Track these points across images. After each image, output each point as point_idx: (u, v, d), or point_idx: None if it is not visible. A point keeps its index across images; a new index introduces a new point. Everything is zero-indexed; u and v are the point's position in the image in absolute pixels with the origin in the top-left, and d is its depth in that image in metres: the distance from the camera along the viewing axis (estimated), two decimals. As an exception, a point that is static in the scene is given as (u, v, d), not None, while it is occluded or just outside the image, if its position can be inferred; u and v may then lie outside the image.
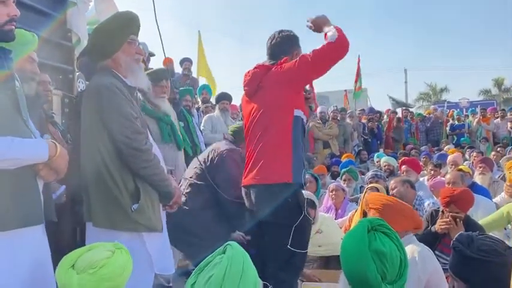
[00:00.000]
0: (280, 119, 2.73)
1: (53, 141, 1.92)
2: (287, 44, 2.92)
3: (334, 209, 5.08)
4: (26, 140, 1.81)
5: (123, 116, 2.27)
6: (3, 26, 1.81)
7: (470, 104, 18.05)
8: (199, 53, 9.52)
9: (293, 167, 2.67)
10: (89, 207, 2.33)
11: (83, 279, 1.74)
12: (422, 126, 12.93)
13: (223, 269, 1.40)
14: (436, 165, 6.66)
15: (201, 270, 1.45)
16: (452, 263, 1.98)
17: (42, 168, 1.87)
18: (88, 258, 1.81)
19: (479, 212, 4.28)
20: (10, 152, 1.70)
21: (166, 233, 2.53)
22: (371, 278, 1.62)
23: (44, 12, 3.30)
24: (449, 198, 3.39)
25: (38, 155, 1.84)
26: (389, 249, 1.65)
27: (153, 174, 2.35)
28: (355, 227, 1.78)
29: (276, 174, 2.67)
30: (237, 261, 1.44)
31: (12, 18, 1.83)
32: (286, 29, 2.99)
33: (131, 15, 2.45)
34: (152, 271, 2.40)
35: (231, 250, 1.47)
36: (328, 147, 9.20)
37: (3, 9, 1.80)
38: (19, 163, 1.76)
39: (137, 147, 2.28)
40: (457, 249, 1.93)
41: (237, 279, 1.40)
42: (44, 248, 1.98)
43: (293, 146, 2.70)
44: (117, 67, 2.41)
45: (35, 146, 1.85)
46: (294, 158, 2.69)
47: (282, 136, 2.71)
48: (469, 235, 1.97)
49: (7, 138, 1.71)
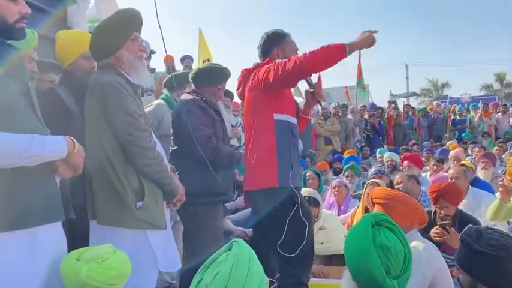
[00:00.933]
0: (261, 124, 2.81)
1: (70, 138, 1.91)
2: (269, 44, 3.00)
3: (336, 206, 5.07)
4: (46, 137, 1.81)
5: (127, 113, 2.27)
6: (15, 24, 1.80)
7: (472, 99, 18.00)
8: (199, 50, 9.48)
9: (279, 172, 2.71)
10: (92, 205, 2.32)
11: (92, 268, 1.81)
12: (425, 121, 12.91)
13: (229, 266, 1.39)
14: (439, 161, 6.63)
15: (206, 268, 1.45)
16: (460, 256, 1.97)
17: (61, 165, 1.87)
18: (92, 253, 1.89)
19: (482, 207, 4.28)
20: (31, 149, 1.70)
21: (170, 230, 2.53)
22: (376, 273, 1.61)
23: (42, 9, 3.30)
24: (437, 193, 3.43)
25: (58, 152, 1.83)
26: (393, 243, 1.65)
27: (157, 172, 2.35)
28: (359, 222, 1.78)
29: (263, 179, 2.74)
30: (243, 258, 1.43)
31: (23, 16, 1.82)
32: (275, 29, 3.05)
33: (134, 12, 2.44)
34: (156, 268, 2.40)
35: (236, 247, 1.46)
36: (330, 144, 9.20)
37: (14, 7, 1.80)
38: (40, 160, 1.76)
39: (140, 145, 2.28)
40: (465, 243, 1.92)
41: (243, 276, 1.39)
42: (63, 245, 2.00)
43: (277, 150, 2.74)
44: (120, 64, 2.40)
45: (55, 142, 1.84)
46: (279, 162, 2.73)
47: (265, 141, 2.77)
48: (477, 229, 1.96)
49: (27, 135, 1.71)
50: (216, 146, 3.11)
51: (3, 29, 1.78)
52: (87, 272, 1.79)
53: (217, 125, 3.26)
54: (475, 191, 4.51)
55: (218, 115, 3.33)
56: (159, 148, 2.46)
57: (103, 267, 1.82)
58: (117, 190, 2.25)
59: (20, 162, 1.68)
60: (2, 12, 1.76)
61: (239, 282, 1.37)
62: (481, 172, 5.78)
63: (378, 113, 11.85)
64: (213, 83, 3.33)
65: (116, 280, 1.86)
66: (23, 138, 1.68)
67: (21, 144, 1.67)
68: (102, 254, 1.88)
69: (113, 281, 1.85)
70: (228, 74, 3.42)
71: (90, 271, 1.79)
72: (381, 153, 8.30)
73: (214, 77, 3.34)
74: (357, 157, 8.12)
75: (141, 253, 2.26)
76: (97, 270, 1.81)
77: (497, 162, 6.68)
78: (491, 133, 11.81)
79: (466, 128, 12.54)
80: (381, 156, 8.00)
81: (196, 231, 2.85)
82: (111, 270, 1.84)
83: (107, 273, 1.82)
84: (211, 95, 3.33)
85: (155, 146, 2.38)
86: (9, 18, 1.78)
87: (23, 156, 1.68)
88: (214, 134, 3.17)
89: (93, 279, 1.79)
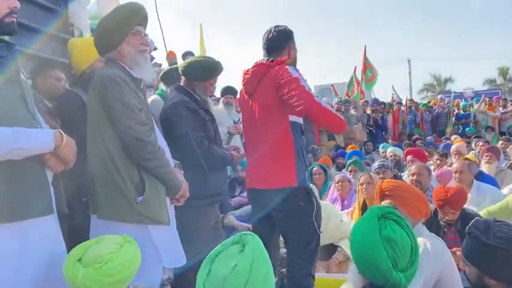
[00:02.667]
0: (279, 124, 2.77)
1: (59, 130, 1.91)
2: (282, 39, 2.92)
3: (340, 200, 5.07)
4: (32, 130, 1.81)
5: (127, 106, 2.26)
6: (4, 19, 1.79)
7: (475, 93, 17.93)
8: (200, 46, 9.47)
9: (297, 172, 2.74)
10: (94, 199, 2.31)
11: (88, 274, 1.77)
12: (428, 116, 12.86)
13: (249, 259, 1.38)
14: (442, 155, 6.61)
15: (212, 260, 1.43)
16: (467, 249, 1.96)
17: (49, 158, 1.87)
18: (95, 252, 1.84)
19: (486, 201, 4.26)
20: (17, 142, 1.69)
21: (174, 226, 2.52)
22: (382, 265, 1.60)
23: (51, 9, 3.30)
24: (442, 201, 3.39)
25: (44, 145, 1.83)
26: (400, 236, 1.64)
27: (158, 166, 2.33)
28: (365, 215, 1.76)
29: (281, 179, 2.74)
30: (262, 251, 1.42)
31: (12, 10, 1.81)
32: (282, 25, 2.98)
33: (136, 5, 2.42)
34: (160, 263, 2.39)
35: (253, 240, 1.44)
36: (333, 139, 9.17)
37: (3, 2, 1.79)
38: (26, 153, 1.76)
39: (141, 138, 2.26)
40: (472, 235, 1.90)
41: (265, 269, 1.38)
42: (56, 240, 1.98)
43: (295, 150, 2.76)
44: (122, 59, 2.39)
45: (41, 135, 1.84)
46: (297, 163, 2.75)
47: (284, 142, 2.76)
48: (485, 221, 1.94)
49: (13, 128, 1.70)
50: (208, 150, 3.05)
51: None
52: (82, 279, 1.76)
53: (208, 125, 3.19)
54: (479, 185, 4.48)
55: (209, 114, 3.25)
56: (161, 143, 2.45)
57: (100, 273, 1.78)
58: (118, 184, 2.24)
59: (5, 156, 1.68)
60: None
61: (260, 277, 1.36)
62: (485, 166, 5.75)
63: (380, 108, 11.81)
64: (204, 78, 3.24)
65: (114, 286, 1.82)
66: (8, 132, 1.68)
67: (7, 137, 1.67)
68: (107, 252, 1.83)
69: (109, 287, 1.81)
70: (220, 69, 3.30)
71: (85, 278, 1.76)
72: (384, 148, 8.27)
73: (206, 72, 3.24)
74: (360, 152, 8.10)
75: (143, 248, 2.25)
76: (93, 277, 1.77)
77: (502, 156, 6.65)
78: (495, 127, 11.76)
79: (470, 122, 12.49)
80: (384, 151, 7.98)
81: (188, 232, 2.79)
82: (108, 277, 1.79)
83: (103, 280, 1.78)
84: (202, 90, 3.25)
85: (156, 140, 2.36)
86: None
87: (9, 149, 1.67)
88: (205, 136, 3.10)
89: (88, 286, 1.77)
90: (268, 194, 2.79)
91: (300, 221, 2.75)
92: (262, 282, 1.39)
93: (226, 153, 3.27)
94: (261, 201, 2.88)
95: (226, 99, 6.16)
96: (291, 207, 2.72)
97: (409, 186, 2.78)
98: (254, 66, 2.90)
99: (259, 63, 2.88)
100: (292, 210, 2.73)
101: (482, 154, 6.31)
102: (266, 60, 2.85)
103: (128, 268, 1.87)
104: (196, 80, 3.22)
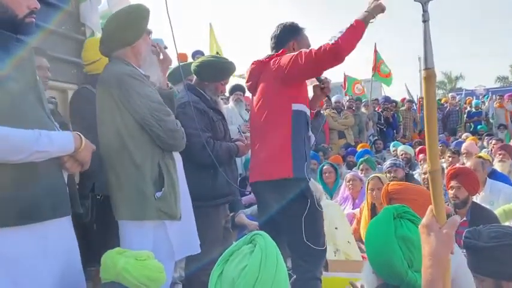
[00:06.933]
0: (278, 114, 2.73)
1: (77, 133, 1.90)
2: (285, 36, 2.93)
3: (351, 199, 5.05)
4: (53, 132, 1.81)
5: (153, 100, 2.29)
6: (24, 19, 1.78)
7: (486, 91, 17.72)
8: (211, 45, 9.48)
9: (293, 162, 2.65)
10: (112, 201, 2.33)
11: (129, 262, 1.89)
12: (439, 114, 12.74)
13: (258, 259, 1.36)
14: (454, 152, 6.56)
15: (225, 260, 1.42)
16: (472, 263, 1.90)
17: (67, 160, 1.87)
18: (133, 252, 1.99)
19: (500, 199, 4.22)
20: (38, 145, 1.69)
21: (193, 218, 2.55)
22: (397, 265, 1.58)
23: (53, 5, 3.30)
24: (453, 171, 3.51)
25: (65, 148, 1.83)
26: (416, 235, 1.61)
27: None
28: (380, 214, 1.74)
29: (276, 170, 2.67)
30: (272, 251, 1.41)
31: (32, 10, 1.80)
32: (289, 21, 2.98)
33: (147, 8, 2.44)
34: (173, 260, 2.40)
35: (263, 240, 1.43)
36: (344, 137, 9.13)
37: (23, 1, 1.77)
38: (47, 156, 1.76)
39: (173, 128, 2.33)
40: (470, 245, 1.86)
41: (273, 269, 1.37)
42: (72, 240, 2.00)
43: (292, 141, 2.68)
44: (131, 56, 2.39)
45: (62, 138, 1.84)
46: (294, 153, 2.67)
47: (281, 132, 2.70)
48: (474, 229, 1.90)
49: (35, 131, 1.70)
50: (213, 148, 3.02)
51: (12, 24, 1.75)
52: (123, 265, 1.87)
53: (217, 126, 3.16)
54: (493, 183, 4.44)
55: (218, 114, 3.23)
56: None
57: (140, 265, 1.91)
58: (136, 181, 2.25)
59: (27, 158, 1.68)
60: (11, 6, 1.73)
61: (269, 276, 1.35)
62: (498, 164, 5.68)
63: (391, 106, 11.73)
64: (215, 78, 3.22)
65: (149, 282, 1.91)
66: (30, 134, 1.68)
67: (29, 140, 1.67)
68: (142, 255, 1.97)
69: (146, 281, 1.90)
70: (233, 69, 3.30)
71: (127, 264, 1.88)
72: (394, 146, 8.22)
73: (217, 72, 3.21)
74: (370, 151, 8.05)
75: (160, 244, 2.26)
76: (134, 265, 1.89)
77: (515, 154, 6.56)
78: (508, 124, 11.62)
79: (481, 120, 12.36)
80: (395, 150, 7.93)
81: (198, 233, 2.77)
82: (147, 270, 1.91)
83: (142, 271, 1.89)
84: (213, 90, 3.23)
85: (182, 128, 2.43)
86: (19, 13, 1.75)
87: (31, 152, 1.67)
88: (212, 136, 3.08)
89: (128, 273, 1.86)
90: (264, 187, 2.75)
91: (294, 218, 2.65)
92: (272, 280, 1.37)
93: (232, 145, 3.25)
94: (259, 195, 2.87)
95: (236, 96, 6.16)
96: (285, 202, 2.63)
97: (416, 187, 2.72)
98: (251, 64, 2.95)
99: (255, 61, 2.94)
100: (285, 205, 2.64)
101: (495, 153, 6.24)
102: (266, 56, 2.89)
103: (161, 272, 1.99)
104: (207, 80, 3.21)
